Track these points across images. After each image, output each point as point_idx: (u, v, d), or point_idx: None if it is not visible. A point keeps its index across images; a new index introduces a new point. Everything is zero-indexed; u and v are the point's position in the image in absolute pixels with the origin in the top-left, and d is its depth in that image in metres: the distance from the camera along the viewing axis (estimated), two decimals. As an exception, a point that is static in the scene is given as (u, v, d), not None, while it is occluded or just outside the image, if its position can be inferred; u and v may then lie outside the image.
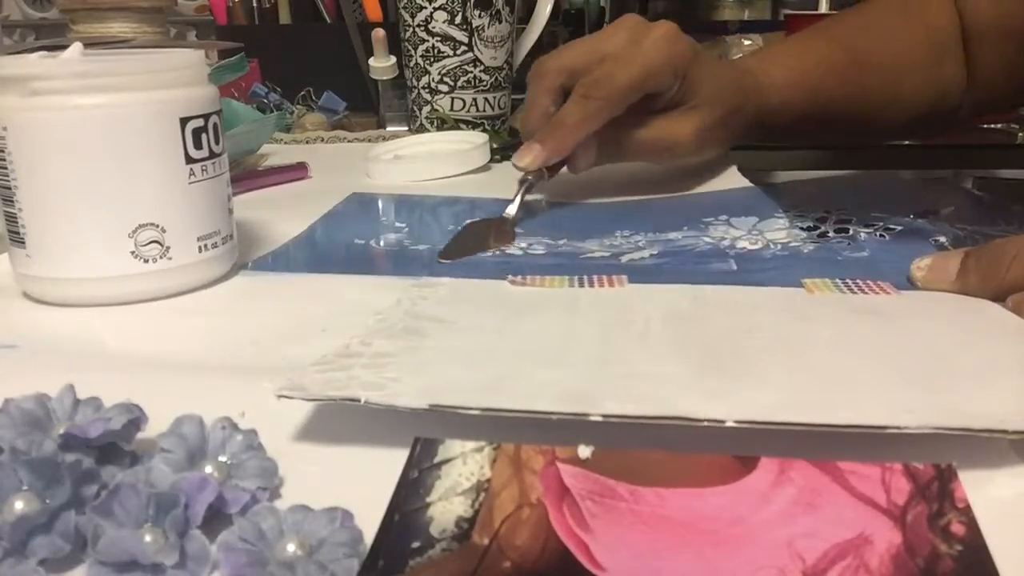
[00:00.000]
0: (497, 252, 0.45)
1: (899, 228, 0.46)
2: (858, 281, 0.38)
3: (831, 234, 0.46)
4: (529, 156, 0.51)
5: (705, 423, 0.23)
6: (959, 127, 0.91)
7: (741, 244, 0.46)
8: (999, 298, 0.34)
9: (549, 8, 0.86)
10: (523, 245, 0.47)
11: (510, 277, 0.39)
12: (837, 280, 0.38)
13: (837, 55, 0.60)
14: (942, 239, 0.43)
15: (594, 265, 0.43)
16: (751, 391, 0.26)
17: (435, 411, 0.24)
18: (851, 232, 0.46)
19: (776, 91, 0.57)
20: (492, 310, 0.35)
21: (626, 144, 0.54)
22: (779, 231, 0.47)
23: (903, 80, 0.60)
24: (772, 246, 0.45)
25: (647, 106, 0.53)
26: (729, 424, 0.23)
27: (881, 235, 0.45)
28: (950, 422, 0.23)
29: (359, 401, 0.25)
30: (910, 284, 0.38)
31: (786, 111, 0.58)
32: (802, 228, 0.47)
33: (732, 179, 0.60)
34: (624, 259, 0.44)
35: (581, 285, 0.38)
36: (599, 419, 0.23)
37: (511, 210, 0.49)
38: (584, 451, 0.23)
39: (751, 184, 0.58)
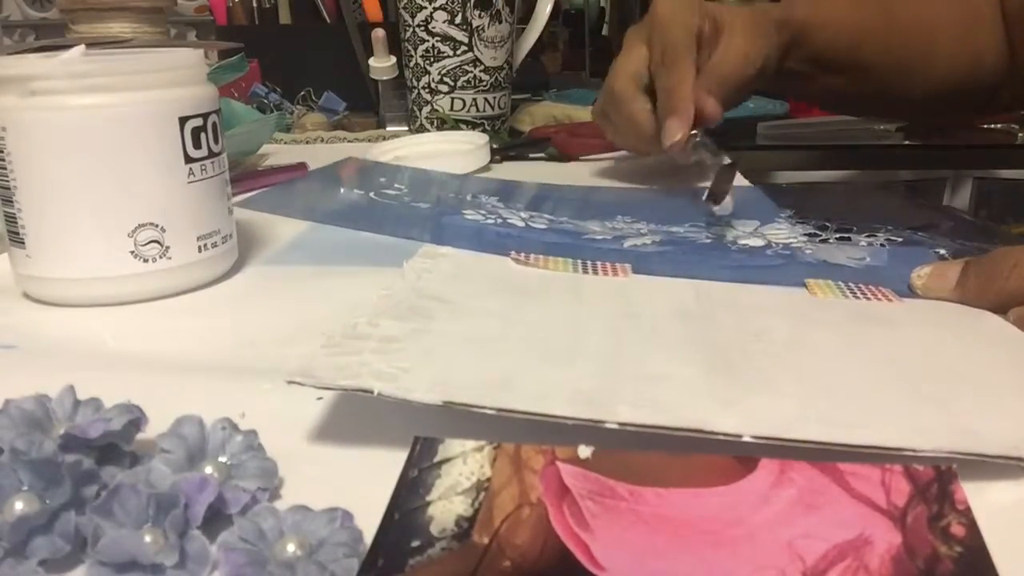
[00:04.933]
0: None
1: (900, 240, 0.45)
2: (860, 285, 0.38)
3: (832, 240, 0.46)
4: (674, 129, 0.54)
5: (721, 437, 0.23)
6: (1002, 112, 0.94)
7: (743, 241, 0.46)
8: (998, 307, 0.34)
9: (549, 8, 0.86)
10: (524, 216, 0.47)
11: (513, 254, 0.39)
12: (840, 283, 0.38)
13: (872, 9, 0.63)
14: (942, 251, 0.42)
15: (596, 247, 0.44)
16: (764, 400, 0.26)
17: (447, 408, 0.24)
18: (852, 240, 0.46)
19: (821, 28, 0.61)
20: (496, 292, 0.35)
21: (721, 85, 0.57)
22: (780, 231, 0.47)
23: (936, 43, 0.62)
24: (774, 245, 0.45)
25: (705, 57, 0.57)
26: (746, 439, 0.23)
27: (882, 244, 0.45)
28: (965, 447, 0.23)
29: (372, 393, 0.24)
30: (911, 292, 0.37)
31: (830, 51, 0.61)
32: (803, 233, 0.47)
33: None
34: (626, 244, 0.44)
35: (585, 271, 0.38)
36: (615, 427, 0.23)
37: (712, 159, 0.53)
38: (584, 451, 0.23)
39: (752, 186, 0.58)
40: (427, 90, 0.79)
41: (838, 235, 0.46)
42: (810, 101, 0.91)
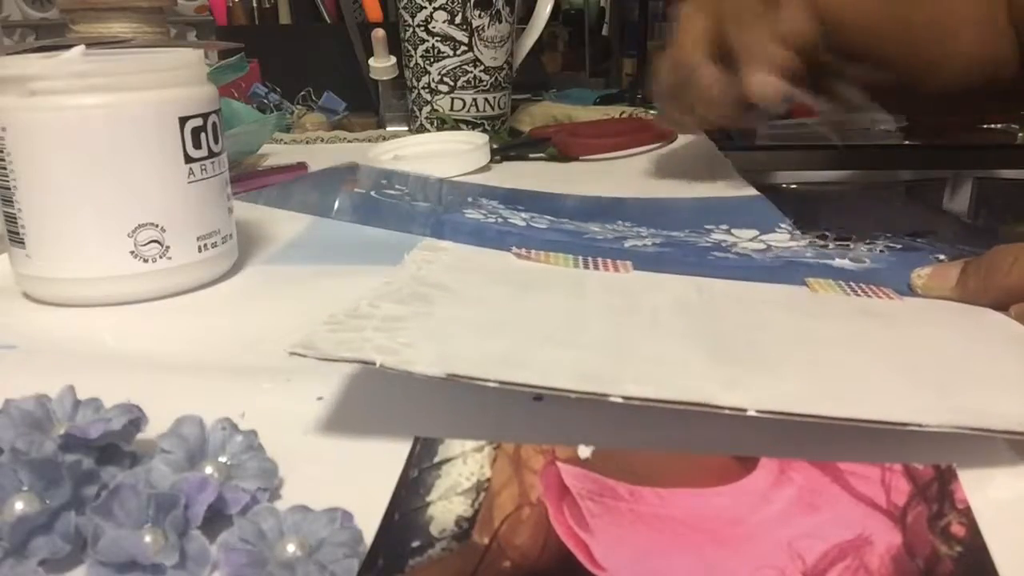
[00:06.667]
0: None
1: (899, 247, 0.46)
2: (861, 284, 0.38)
3: (832, 247, 0.46)
4: (761, 79, 0.50)
5: (727, 411, 0.23)
6: (1014, 112, 0.93)
7: (743, 246, 0.46)
8: (999, 303, 0.34)
9: (549, 8, 0.86)
10: (525, 216, 0.48)
11: (514, 249, 0.39)
12: (840, 282, 0.38)
13: (896, 3, 0.60)
14: (942, 257, 0.43)
15: (597, 246, 0.44)
16: (768, 381, 0.26)
17: (451, 381, 0.24)
18: (852, 247, 0.46)
19: (852, 21, 0.58)
20: (498, 283, 0.35)
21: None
22: (779, 240, 0.47)
23: (958, 32, 0.60)
24: (773, 250, 0.45)
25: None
26: (751, 413, 0.23)
27: (882, 251, 0.45)
28: (970, 422, 0.23)
29: (374, 364, 0.24)
30: (911, 292, 0.37)
31: (856, 43, 0.59)
32: (802, 242, 0.47)
33: (733, 184, 0.60)
34: (627, 244, 0.44)
35: (586, 267, 0.38)
36: (619, 400, 0.23)
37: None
38: (584, 451, 0.23)
39: (754, 191, 0.58)
40: (427, 90, 0.79)
41: (838, 243, 0.46)
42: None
